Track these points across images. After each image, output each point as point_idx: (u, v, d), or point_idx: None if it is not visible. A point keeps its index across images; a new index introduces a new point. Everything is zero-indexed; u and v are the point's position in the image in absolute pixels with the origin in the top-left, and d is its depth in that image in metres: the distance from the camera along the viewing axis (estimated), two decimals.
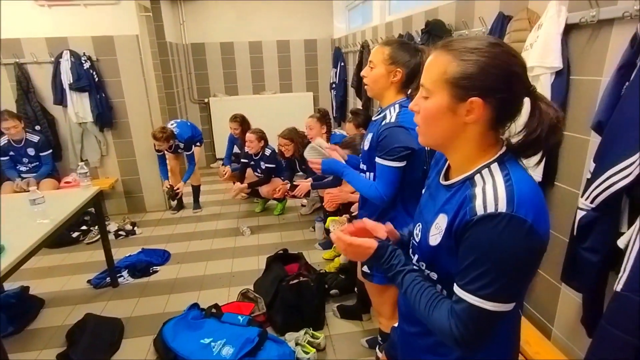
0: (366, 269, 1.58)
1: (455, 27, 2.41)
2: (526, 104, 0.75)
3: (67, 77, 3.56)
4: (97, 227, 3.44)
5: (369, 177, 1.52)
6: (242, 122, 4.12)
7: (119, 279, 2.88)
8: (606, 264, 1.30)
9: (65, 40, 3.60)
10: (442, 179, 0.86)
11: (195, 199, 4.28)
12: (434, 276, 0.85)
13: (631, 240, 1.11)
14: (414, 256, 0.91)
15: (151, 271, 3.01)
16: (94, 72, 3.65)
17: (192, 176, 4.07)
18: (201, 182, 4.36)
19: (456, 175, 0.81)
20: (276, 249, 2.94)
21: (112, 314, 2.47)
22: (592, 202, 1.27)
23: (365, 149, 1.52)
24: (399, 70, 1.41)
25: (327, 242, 3.26)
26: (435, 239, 0.80)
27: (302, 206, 4.17)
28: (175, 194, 4.02)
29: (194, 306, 2.33)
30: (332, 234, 0.94)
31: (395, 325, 1.11)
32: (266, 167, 3.84)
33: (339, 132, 3.72)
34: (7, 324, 2.32)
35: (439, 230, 0.79)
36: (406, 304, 0.92)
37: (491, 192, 0.71)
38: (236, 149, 4.43)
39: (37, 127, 3.66)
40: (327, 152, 1.79)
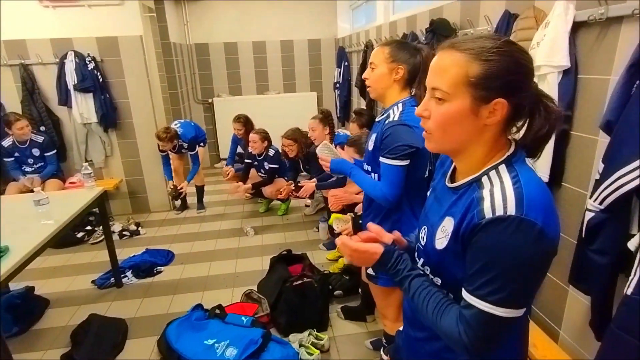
0: (371, 271, 1.56)
1: (460, 26, 2.39)
2: None
3: (71, 77, 3.58)
4: (101, 228, 3.44)
5: (373, 177, 1.51)
6: (246, 122, 4.12)
7: (123, 280, 2.89)
8: (615, 267, 1.27)
9: (69, 41, 3.62)
10: (448, 181, 0.85)
11: (199, 199, 4.28)
12: (438, 281, 0.83)
13: None
14: (419, 260, 0.90)
15: (155, 271, 3.01)
16: (99, 73, 3.67)
17: (196, 176, 4.07)
18: (205, 183, 4.37)
19: (463, 177, 0.79)
20: (280, 250, 2.93)
21: (116, 314, 2.47)
22: (600, 203, 1.25)
23: (369, 149, 1.51)
24: (401, 67, 1.40)
25: (331, 243, 3.24)
26: (441, 242, 0.79)
27: (306, 206, 4.16)
28: (178, 194, 4.02)
29: (198, 307, 2.33)
30: (337, 240, 0.93)
31: (400, 329, 1.10)
32: (270, 167, 3.83)
33: (342, 132, 3.70)
34: (12, 324, 2.33)
35: (445, 233, 0.78)
36: (411, 308, 0.91)
37: (499, 195, 0.69)
38: (240, 150, 4.42)
39: (42, 128, 3.68)
40: (338, 152, 1.80)
